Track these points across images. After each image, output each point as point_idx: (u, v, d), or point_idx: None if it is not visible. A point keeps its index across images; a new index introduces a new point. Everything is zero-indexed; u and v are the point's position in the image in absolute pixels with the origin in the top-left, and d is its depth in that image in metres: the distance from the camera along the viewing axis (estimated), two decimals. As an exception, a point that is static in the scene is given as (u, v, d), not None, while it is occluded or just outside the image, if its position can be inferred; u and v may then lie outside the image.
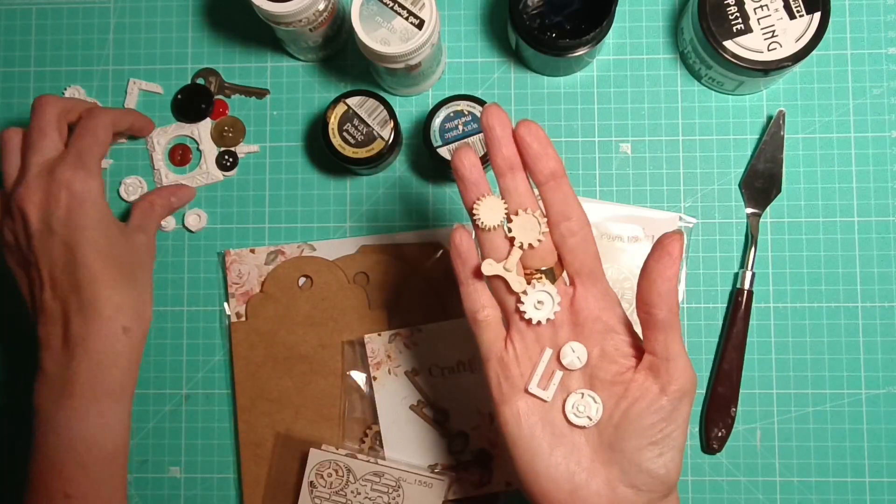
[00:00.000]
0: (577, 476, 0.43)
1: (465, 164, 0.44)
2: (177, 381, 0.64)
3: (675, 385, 0.43)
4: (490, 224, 0.44)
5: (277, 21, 0.56)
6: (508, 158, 0.44)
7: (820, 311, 0.61)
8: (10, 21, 0.67)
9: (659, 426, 0.43)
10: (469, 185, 0.44)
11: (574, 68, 0.63)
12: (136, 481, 0.63)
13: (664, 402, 0.43)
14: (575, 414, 0.44)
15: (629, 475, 0.43)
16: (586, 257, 0.45)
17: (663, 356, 0.43)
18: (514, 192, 0.44)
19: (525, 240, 0.44)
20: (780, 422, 0.61)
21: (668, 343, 0.43)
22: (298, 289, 0.63)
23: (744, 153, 0.63)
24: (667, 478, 0.43)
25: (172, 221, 0.64)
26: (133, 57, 0.66)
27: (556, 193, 0.44)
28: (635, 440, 0.43)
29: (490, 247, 0.45)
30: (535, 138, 0.43)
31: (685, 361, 0.43)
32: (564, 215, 0.44)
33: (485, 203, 0.44)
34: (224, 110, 0.65)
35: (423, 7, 0.55)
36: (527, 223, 0.44)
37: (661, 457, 0.43)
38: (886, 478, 0.60)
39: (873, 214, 0.62)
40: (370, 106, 0.60)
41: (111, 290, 0.56)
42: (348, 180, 0.64)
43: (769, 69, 0.57)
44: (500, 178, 0.44)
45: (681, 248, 0.42)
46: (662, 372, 0.43)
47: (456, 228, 0.45)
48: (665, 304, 0.42)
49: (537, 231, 0.44)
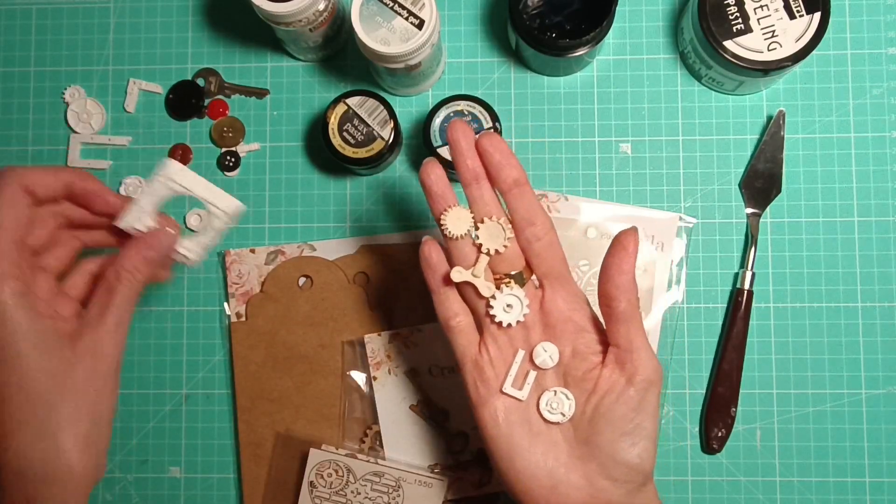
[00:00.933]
0: (557, 471, 0.44)
1: (432, 177, 0.46)
2: (177, 381, 0.64)
3: (640, 375, 0.44)
4: (457, 233, 0.46)
5: (277, 21, 0.56)
6: (473, 169, 0.46)
7: (820, 311, 0.61)
8: (10, 21, 0.67)
9: (629, 416, 0.44)
10: (436, 197, 0.46)
11: (574, 68, 0.63)
12: (136, 481, 0.63)
13: (632, 393, 0.44)
14: (549, 411, 0.45)
15: (606, 467, 0.44)
16: (553, 261, 0.47)
17: (626, 348, 0.45)
18: (479, 200, 0.46)
19: (492, 246, 0.46)
20: (780, 422, 0.61)
21: (630, 335, 0.45)
22: (298, 289, 0.63)
23: (744, 153, 0.63)
24: (641, 467, 0.44)
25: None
26: (133, 57, 0.66)
27: (520, 200, 0.46)
28: (608, 433, 0.44)
29: (459, 255, 0.47)
30: (496, 149, 0.46)
31: (648, 352, 0.45)
32: (529, 221, 0.46)
33: (452, 213, 0.46)
34: (224, 110, 0.65)
35: (423, 7, 0.55)
36: (493, 230, 0.46)
37: (634, 447, 0.44)
38: (886, 478, 0.60)
39: (873, 214, 0.62)
40: (370, 106, 0.60)
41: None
42: (348, 180, 0.64)
43: (769, 69, 0.57)
44: (466, 188, 0.46)
45: (635, 243, 0.45)
46: (627, 363, 0.45)
47: (425, 241, 0.47)
48: (624, 297, 0.45)
49: (503, 237, 0.46)
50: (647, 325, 0.61)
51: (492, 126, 0.60)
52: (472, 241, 0.46)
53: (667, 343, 0.62)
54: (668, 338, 0.62)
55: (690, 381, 0.62)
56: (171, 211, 0.64)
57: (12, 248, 0.43)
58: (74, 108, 0.65)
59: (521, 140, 0.63)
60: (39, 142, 0.66)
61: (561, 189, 0.63)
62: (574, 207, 0.62)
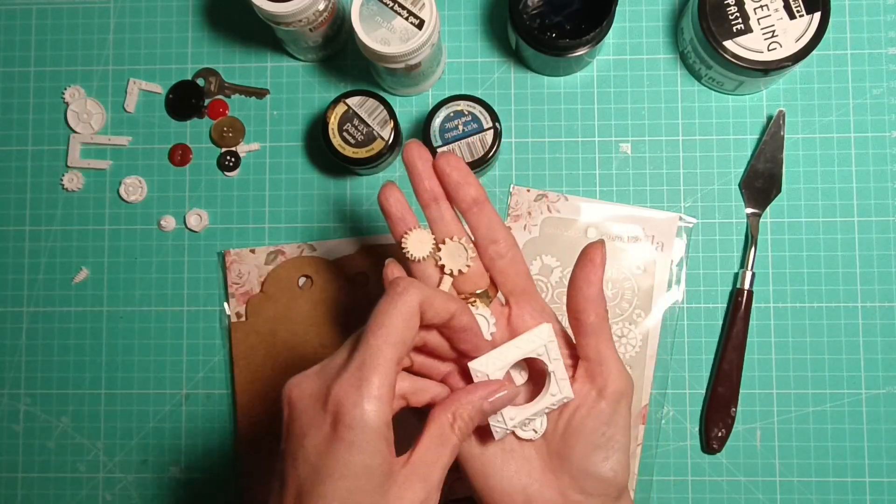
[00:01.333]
0: (530, 488, 0.44)
1: (391, 200, 0.46)
2: (177, 381, 0.64)
3: (611, 388, 0.44)
4: (419, 255, 0.46)
5: (277, 21, 0.56)
6: (431, 190, 0.46)
7: (820, 311, 0.61)
8: (10, 21, 0.67)
9: (601, 430, 0.44)
10: (396, 221, 0.46)
11: (574, 68, 0.63)
12: (136, 481, 0.63)
13: (603, 406, 0.44)
14: (521, 428, 0.45)
15: (579, 481, 0.44)
16: (517, 277, 0.46)
17: (596, 360, 0.44)
18: (439, 221, 0.46)
19: (454, 266, 0.45)
20: (780, 422, 0.61)
21: (599, 347, 0.44)
22: (298, 289, 0.63)
23: (744, 153, 0.63)
24: (615, 480, 0.44)
25: (172, 221, 0.64)
26: (133, 57, 0.66)
27: (481, 218, 0.46)
28: (580, 447, 0.44)
29: (422, 277, 0.46)
30: (453, 168, 0.45)
31: (618, 364, 0.44)
32: (491, 239, 0.46)
33: (412, 236, 0.46)
34: (224, 110, 0.65)
35: (423, 7, 0.55)
36: (454, 251, 0.46)
37: (607, 461, 0.44)
38: (886, 478, 0.60)
39: (873, 214, 0.62)
40: (370, 106, 0.60)
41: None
42: (348, 180, 0.64)
43: (769, 69, 0.57)
44: (426, 210, 0.46)
45: (602, 256, 0.45)
46: (598, 376, 0.44)
47: (387, 264, 0.47)
48: (592, 309, 0.44)
49: (465, 257, 0.45)
50: (647, 325, 0.61)
51: (492, 126, 0.60)
52: (435, 263, 0.46)
53: (667, 343, 0.62)
54: (668, 338, 0.62)
55: (690, 381, 0.62)
56: (171, 211, 0.64)
57: (394, 368, 0.38)
58: (74, 108, 0.65)
59: (521, 140, 0.63)
60: (39, 142, 0.66)
61: (561, 189, 0.63)
62: (574, 207, 0.62)
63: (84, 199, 0.65)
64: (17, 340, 0.65)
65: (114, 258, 0.64)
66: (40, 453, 0.64)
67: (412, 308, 0.39)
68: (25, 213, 0.65)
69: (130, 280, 0.64)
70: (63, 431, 0.64)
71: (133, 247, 0.64)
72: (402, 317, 0.39)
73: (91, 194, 0.65)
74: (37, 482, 0.64)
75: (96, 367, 0.64)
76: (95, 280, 0.64)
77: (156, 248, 0.64)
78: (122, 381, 0.64)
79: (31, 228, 0.65)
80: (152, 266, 0.64)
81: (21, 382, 0.64)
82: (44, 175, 0.65)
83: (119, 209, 0.65)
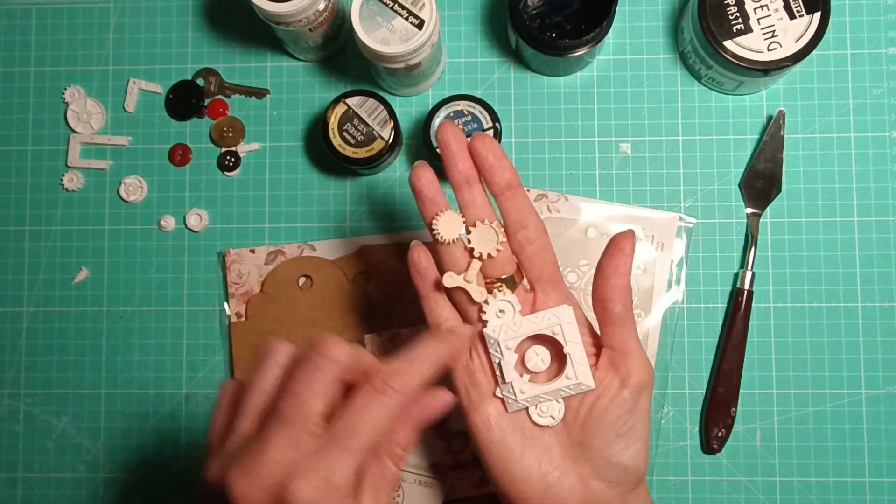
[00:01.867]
0: (550, 475, 0.44)
1: (423, 181, 0.45)
2: (177, 381, 0.64)
3: (634, 378, 0.44)
4: (449, 238, 0.45)
5: (277, 21, 0.56)
6: (464, 172, 0.45)
7: (820, 311, 0.61)
8: (10, 21, 0.67)
9: (623, 419, 0.44)
10: (427, 202, 0.46)
11: (574, 68, 0.63)
12: (136, 481, 0.63)
13: (626, 396, 0.44)
14: (539, 415, 0.45)
15: (600, 469, 0.44)
16: (545, 264, 0.46)
17: (621, 350, 0.44)
18: (471, 204, 0.46)
19: (484, 250, 0.45)
20: (780, 422, 0.61)
21: (624, 338, 0.44)
22: (298, 289, 0.63)
23: (744, 153, 0.63)
24: (635, 469, 0.44)
25: (172, 221, 0.64)
26: (133, 57, 0.66)
27: (513, 203, 0.45)
28: (602, 435, 0.44)
29: (450, 260, 0.46)
30: (490, 151, 0.45)
31: (642, 355, 0.45)
32: (521, 224, 0.45)
33: (443, 218, 0.45)
34: (224, 110, 0.65)
35: (423, 7, 0.55)
36: (485, 234, 0.45)
37: (627, 449, 0.44)
38: (886, 478, 0.60)
39: (873, 214, 0.62)
40: (370, 106, 0.60)
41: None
42: (348, 180, 0.64)
43: (769, 69, 0.57)
44: (458, 192, 0.46)
45: (632, 245, 0.45)
46: (621, 366, 0.44)
47: (413, 246, 0.46)
48: (619, 300, 0.44)
49: (495, 241, 0.45)
50: (647, 325, 0.61)
51: (492, 126, 0.60)
52: (464, 246, 0.46)
53: (667, 343, 0.62)
54: (668, 338, 0.62)
55: (690, 381, 0.62)
56: (171, 211, 0.64)
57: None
58: (74, 108, 0.65)
59: (521, 140, 0.63)
60: (39, 142, 0.66)
61: (561, 189, 0.63)
62: (574, 207, 0.62)
63: (84, 199, 0.65)
64: (17, 340, 0.65)
65: (114, 258, 0.64)
66: (40, 453, 0.64)
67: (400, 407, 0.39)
68: (25, 213, 0.65)
69: (130, 280, 0.64)
70: (63, 431, 0.64)
71: (133, 247, 0.64)
72: (391, 418, 0.39)
73: (91, 194, 0.65)
74: (37, 482, 0.64)
75: (96, 367, 0.64)
76: (95, 280, 0.64)
77: (156, 248, 0.64)
78: (122, 381, 0.64)
79: (31, 228, 0.65)
80: (152, 266, 0.64)
81: (21, 382, 0.64)
82: (44, 175, 0.65)
83: (119, 209, 0.65)
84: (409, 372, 0.40)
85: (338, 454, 0.37)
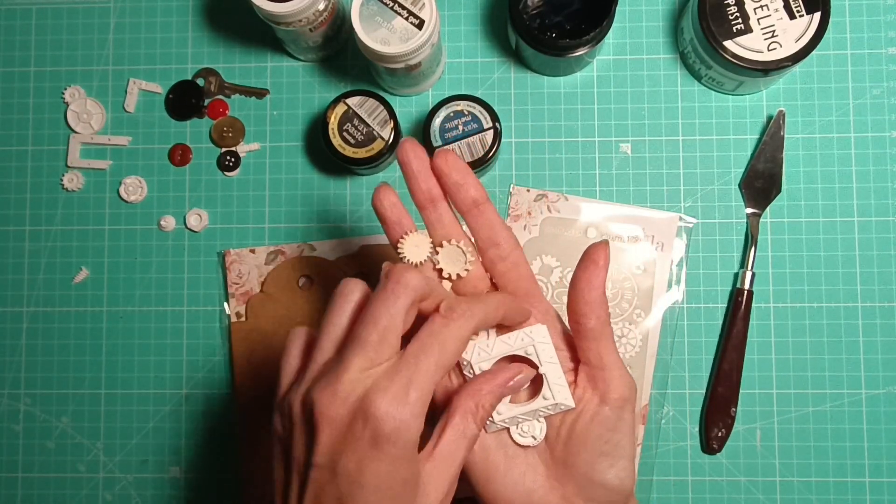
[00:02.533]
0: (535, 494, 0.43)
1: (385, 203, 0.44)
2: (177, 381, 0.64)
3: (614, 394, 0.43)
4: (416, 260, 0.44)
5: (277, 21, 0.56)
6: (427, 191, 0.44)
7: (820, 311, 0.61)
8: (10, 21, 0.67)
9: (606, 436, 0.43)
10: (391, 225, 0.44)
11: (574, 68, 0.63)
12: (135, 481, 0.63)
13: (607, 412, 0.43)
14: (520, 434, 0.44)
15: (584, 489, 0.43)
16: (519, 280, 0.45)
17: (598, 365, 0.43)
18: (437, 223, 0.44)
19: (452, 271, 0.44)
20: (780, 422, 0.61)
21: (601, 352, 0.43)
22: (298, 289, 0.63)
23: (744, 153, 0.63)
24: (621, 487, 0.43)
25: (172, 221, 0.64)
26: (133, 57, 0.66)
27: (482, 221, 0.44)
28: (585, 454, 0.43)
29: None
30: (452, 168, 0.43)
31: (620, 369, 0.43)
32: (492, 241, 0.44)
33: (409, 240, 0.44)
34: (224, 110, 0.65)
35: (423, 7, 0.55)
36: (453, 254, 0.44)
37: (612, 468, 0.43)
38: (886, 478, 0.60)
39: (873, 214, 0.62)
40: (370, 106, 0.60)
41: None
42: (348, 180, 0.64)
43: (769, 69, 0.57)
44: (423, 212, 0.44)
45: (606, 257, 0.43)
46: (600, 382, 0.43)
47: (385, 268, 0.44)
48: (594, 313, 0.43)
49: (463, 261, 0.44)
50: (647, 325, 0.61)
51: (492, 126, 0.60)
52: (433, 267, 0.44)
53: (667, 343, 0.62)
54: (667, 338, 0.62)
55: (690, 381, 0.62)
56: (171, 211, 0.64)
57: (434, 387, 0.39)
58: (74, 108, 0.65)
59: (521, 140, 0.63)
60: (39, 142, 0.66)
61: (561, 189, 0.63)
62: (574, 207, 0.62)
63: (84, 199, 0.65)
64: (17, 340, 0.65)
65: (114, 258, 0.64)
66: (40, 453, 0.64)
67: (462, 335, 0.39)
68: (25, 213, 0.65)
69: (130, 280, 0.64)
70: (63, 431, 0.64)
71: (133, 247, 0.64)
72: (459, 343, 0.39)
73: (91, 194, 0.65)
74: (37, 482, 0.64)
75: (96, 367, 0.64)
76: (95, 280, 0.64)
77: (156, 248, 0.64)
78: (122, 381, 0.64)
79: (31, 228, 0.65)
80: (152, 266, 0.64)
81: (21, 382, 0.64)
82: (44, 175, 0.65)
83: (119, 209, 0.65)
84: (473, 307, 0.40)
85: (412, 373, 0.38)
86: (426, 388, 0.38)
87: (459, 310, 0.40)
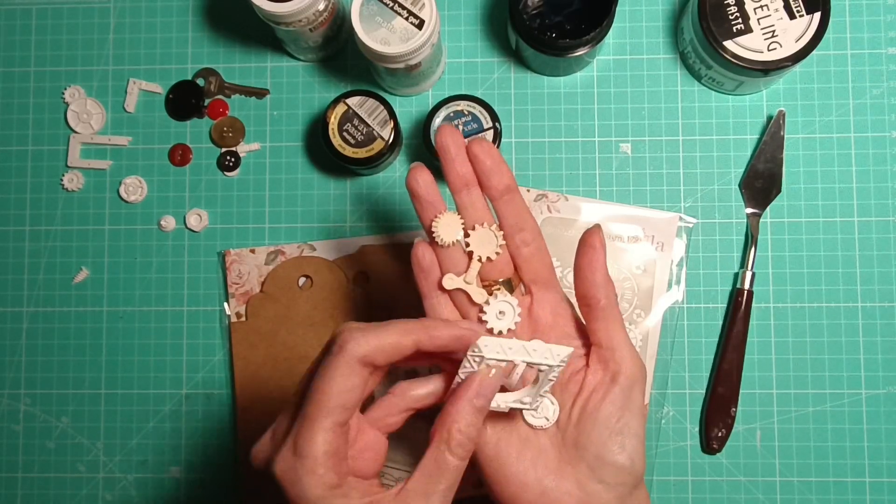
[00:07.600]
0: (546, 478, 0.44)
1: (420, 182, 0.45)
2: (177, 381, 0.64)
3: (623, 373, 0.44)
4: (448, 240, 0.45)
5: (277, 21, 0.56)
6: (463, 176, 0.45)
7: (820, 311, 0.61)
8: (10, 21, 0.67)
9: (616, 415, 0.44)
10: (425, 204, 0.46)
11: (574, 68, 0.63)
12: (135, 481, 0.63)
13: (617, 391, 0.44)
14: (533, 416, 0.45)
15: (596, 470, 0.44)
16: (541, 266, 0.46)
17: (608, 346, 0.44)
18: (470, 207, 0.46)
19: (483, 253, 0.45)
20: (780, 422, 0.61)
21: (610, 332, 0.44)
22: (298, 289, 0.63)
23: (744, 153, 0.63)
24: (632, 468, 0.44)
25: (172, 221, 0.64)
26: (133, 57, 0.66)
27: (510, 207, 0.46)
28: (596, 434, 0.44)
29: (450, 262, 0.46)
30: (487, 155, 0.45)
31: (630, 349, 0.45)
32: (518, 227, 0.46)
33: (442, 220, 0.45)
34: (224, 110, 0.65)
35: (423, 7, 0.55)
36: (484, 237, 0.45)
37: (623, 448, 0.43)
38: (886, 478, 0.60)
39: (873, 214, 0.62)
40: (370, 106, 0.60)
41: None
42: (348, 180, 0.64)
43: (769, 69, 0.57)
44: (456, 195, 0.46)
45: (601, 239, 0.44)
46: (610, 362, 0.44)
47: (417, 244, 0.46)
48: (602, 293, 0.44)
49: (494, 244, 0.45)
50: (647, 325, 0.61)
51: (492, 126, 0.60)
52: (463, 248, 0.46)
53: (667, 343, 0.62)
54: (668, 338, 0.62)
55: (690, 381, 0.62)
56: (171, 211, 0.64)
57: (333, 436, 0.37)
58: (74, 108, 0.65)
59: (521, 140, 0.63)
60: (39, 142, 0.66)
61: (561, 189, 0.63)
62: (574, 207, 0.62)
63: (84, 199, 0.65)
64: (17, 340, 0.65)
65: (114, 258, 0.64)
66: (40, 453, 0.64)
67: (352, 368, 0.37)
68: (25, 213, 0.65)
69: (130, 280, 0.64)
70: (63, 431, 0.64)
71: (133, 247, 0.64)
72: (341, 379, 0.37)
73: (91, 194, 0.65)
74: (37, 482, 0.64)
75: (96, 367, 0.64)
76: (95, 280, 0.64)
77: (156, 248, 0.64)
78: (122, 381, 0.64)
79: (31, 228, 0.65)
80: (152, 266, 0.64)
81: (21, 382, 0.64)
82: (44, 175, 0.65)
83: (119, 209, 0.65)
84: (361, 335, 0.38)
85: (303, 424, 0.38)
86: (319, 441, 0.37)
87: (340, 339, 0.38)
